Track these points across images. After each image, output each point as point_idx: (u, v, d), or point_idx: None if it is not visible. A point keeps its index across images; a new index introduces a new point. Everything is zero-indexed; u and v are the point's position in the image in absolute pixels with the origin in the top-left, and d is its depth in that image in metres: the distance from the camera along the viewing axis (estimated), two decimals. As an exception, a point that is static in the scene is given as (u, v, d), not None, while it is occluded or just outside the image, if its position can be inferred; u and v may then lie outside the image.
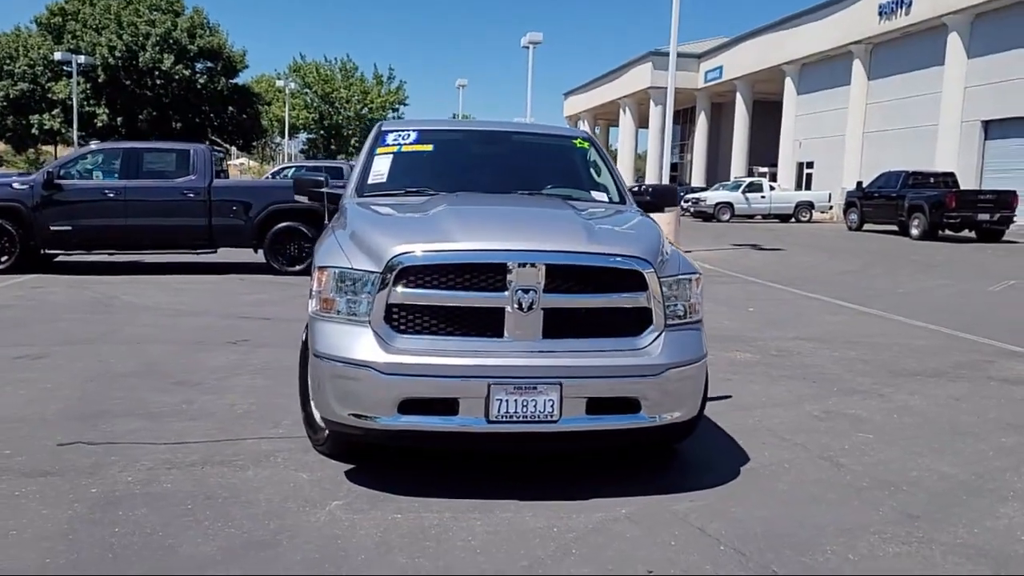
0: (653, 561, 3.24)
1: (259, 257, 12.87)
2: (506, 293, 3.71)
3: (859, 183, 28.15)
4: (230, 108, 54.54)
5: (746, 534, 3.51)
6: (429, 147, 5.30)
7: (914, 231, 23.92)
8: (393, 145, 5.20)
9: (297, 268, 12.47)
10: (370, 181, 5.01)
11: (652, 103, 52.81)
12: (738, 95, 45.97)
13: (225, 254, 13.26)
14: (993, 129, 28.41)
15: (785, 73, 40.58)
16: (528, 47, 37.94)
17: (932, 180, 25.32)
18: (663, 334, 3.91)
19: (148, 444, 4.51)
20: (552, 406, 3.70)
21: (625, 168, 56.15)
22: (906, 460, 4.56)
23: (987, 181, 28.08)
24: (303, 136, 76.45)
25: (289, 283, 11.50)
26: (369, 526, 3.50)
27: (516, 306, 3.70)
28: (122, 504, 3.67)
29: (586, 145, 5.53)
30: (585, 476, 4.19)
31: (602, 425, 3.83)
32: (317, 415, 4.40)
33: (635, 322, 3.89)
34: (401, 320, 3.78)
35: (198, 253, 12.84)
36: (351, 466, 4.20)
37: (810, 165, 39.80)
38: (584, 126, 69.28)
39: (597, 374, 3.75)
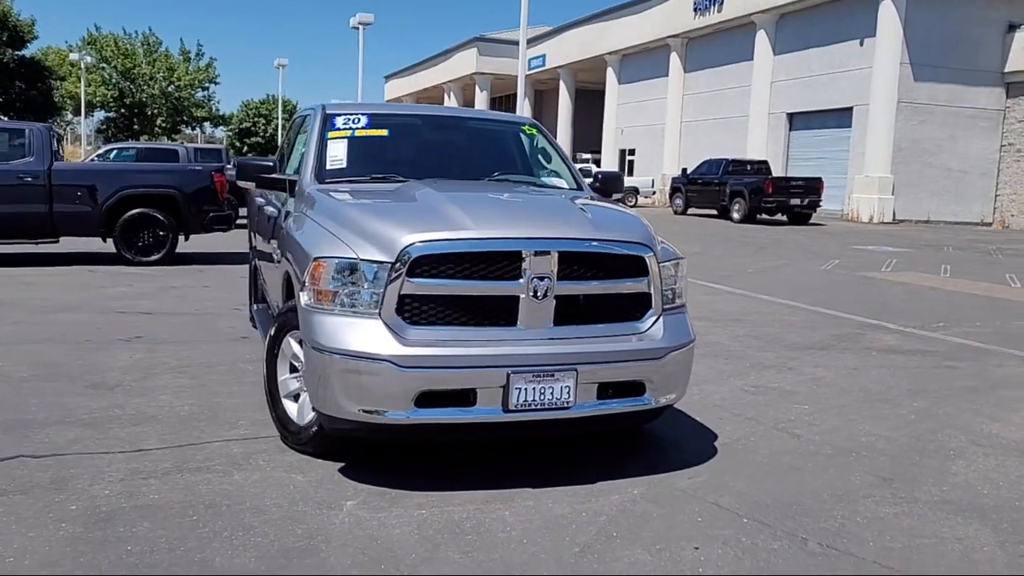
0: (693, 537, 3.36)
1: (107, 247, 11.93)
2: (521, 281, 3.70)
3: (684, 170, 29.80)
4: (17, 83, 49.68)
5: (758, 505, 3.71)
6: (384, 132, 5.15)
7: (735, 215, 25.66)
8: (345, 129, 5.00)
9: (152, 258, 11.68)
10: (328, 167, 4.80)
11: (477, 88, 53.27)
12: (562, 83, 47.22)
13: (67, 243, 12.17)
14: (797, 121, 30.88)
15: (607, 63, 42.11)
16: (357, 28, 37.19)
17: (749, 167, 27.22)
18: (660, 318, 4.04)
19: (102, 454, 4.13)
20: (568, 392, 3.74)
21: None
22: (849, 427, 4.96)
23: (792, 168, 30.52)
24: (100, 115, 70.89)
25: (147, 274, 10.76)
26: (400, 524, 3.41)
27: (531, 294, 3.71)
28: (117, 520, 3.36)
29: (534, 132, 5.57)
30: (576, 460, 4.26)
31: (610, 409, 3.92)
32: (296, 413, 4.23)
33: (637, 307, 4.00)
34: (413, 311, 3.68)
35: (37, 243, 11.71)
36: (340, 464, 4.05)
37: (632, 152, 41.61)
38: (406, 110, 68.81)
39: (609, 359, 3.84)
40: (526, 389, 3.67)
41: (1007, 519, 3.65)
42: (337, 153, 4.86)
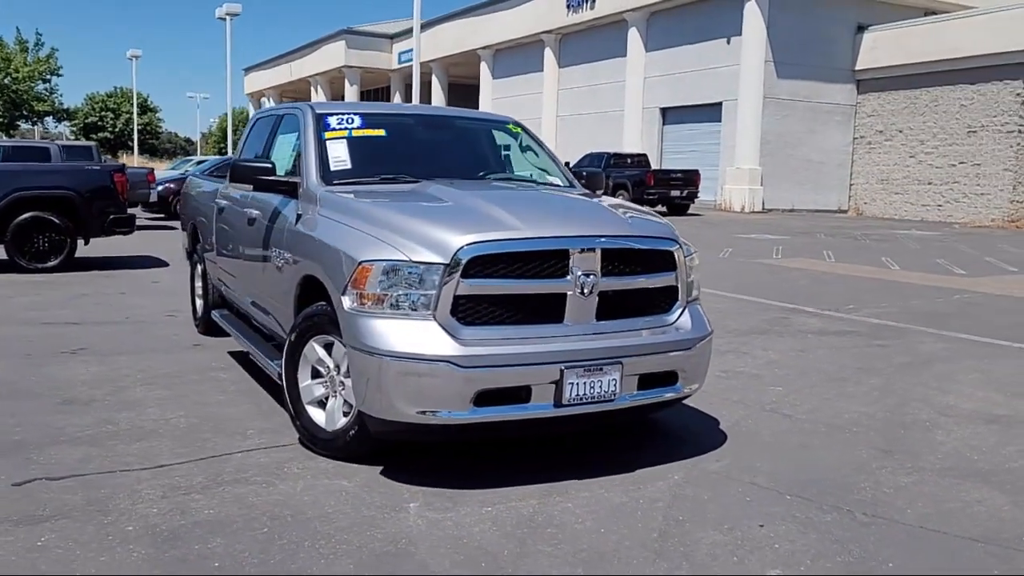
0: (751, 516, 3.57)
1: (-3, 253, 11.12)
2: (569, 278, 3.80)
3: (567, 163, 30.32)
4: None
5: (791, 483, 3.96)
6: (381, 132, 5.09)
7: (618, 207, 26.40)
8: (341, 129, 4.93)
9: (49, 264, 10.97)
10: (333, 168, 4.72)
11: (347, 82, 52.34)
12: (434, 77, 47.06)
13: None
14: (670, 115, 32.05)
15: (481, 58, 42.31)
16: (224, 19, 35.80)
17: (629, 161, 28.07)
18: (686, 309, 4.24)
19: (123, 472, 3.95)
20: (614, 385, 3.88)
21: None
22: (828, 406, 5.32)
23: (666, 161, 31.66)
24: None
25: (49, 282, 10.12)
26: (475, 522, 3.45)
27: (579, 290, 3.82)
28: (185, 538, 3.25)
29: (519, 130, 5.65)
30: (603, 450, 4.40)
31: (648, 399, 4.09)
32: (325, 419, 4.17)
33: (666, 300, 4.18)
34: (467, 311, 3.72)
35: (-87, 250, 10.78)
36: (379, 468, 4.03)
37: (507, 147, 41.95)
38: (269, 103, 66.78)
39: (649, 351, 4.00)
40: (577, 383, 3.78)
41: (1008, 481, 4.05)
42: (339, 154, 4.78)
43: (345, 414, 4.12)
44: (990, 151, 26.12)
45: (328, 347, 4.18)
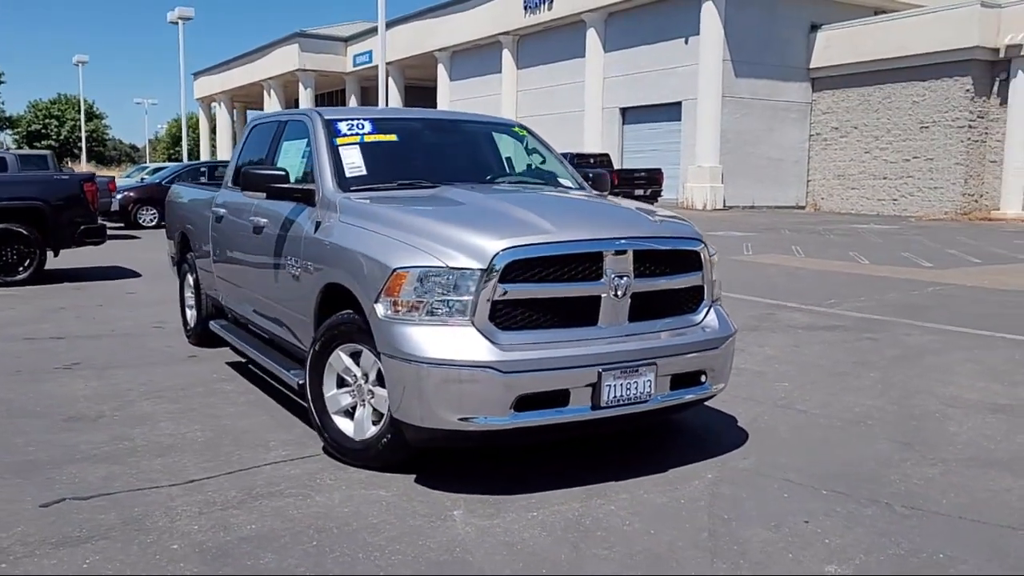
0: (794, 513, 3.61)
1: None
2: (603, 281, 3.81)
3: (527, 164, 30.41)
4: None
5: (823, 477, 4.02)
6: (393, 137, 5.05)
7: (582, 207, 26.53)
8: (352, 135, 4.87)
9: (18, 277, 10.69)
10: (348, 174, 4.67)
11: (301, 86, 51.80)
12: (390, 79, 46.75)
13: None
14: (629, 115, 32.33)
15: (438, 60, 42.22)
16: (177, 23, 35.14)
17: (592, 160, 28.19)
18: (710, 309, 4.28)
19: (152, 489, 3.86)
20: (649, 385, 3.90)
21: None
22: (837, 401, 5.41)
23: (627, 160, 31.93)
24: None
25: (20, 295, 9.87)
26: (524, 528, 3.44)
27: (613, 293, 3.83)
28: (234, 554, 3.19)
29: (525, 133, 5.64)
30: (630, 451, 4.41)
31: (679, 399, 4.12)
32: (354, 429, 4.13)
33: (692, 300, 4.22)
34: (504, 316, 3.71)
35: None
36: (412, 476, 3.99)
37: (466, 148, 41.91)
38: (220, 109, 65.84)
39: (681, 351, 4.03)
40: (614, 385, 3.79)
41: (1029, 468, 4.16)
42: (353, 160, 4.73)
43: (374, 423, 4.08)
44: (942, 146, 26.81)
45: (355, 356, 4.14)
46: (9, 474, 4.04)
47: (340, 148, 4.79)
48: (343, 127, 4.92)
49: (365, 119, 5.02)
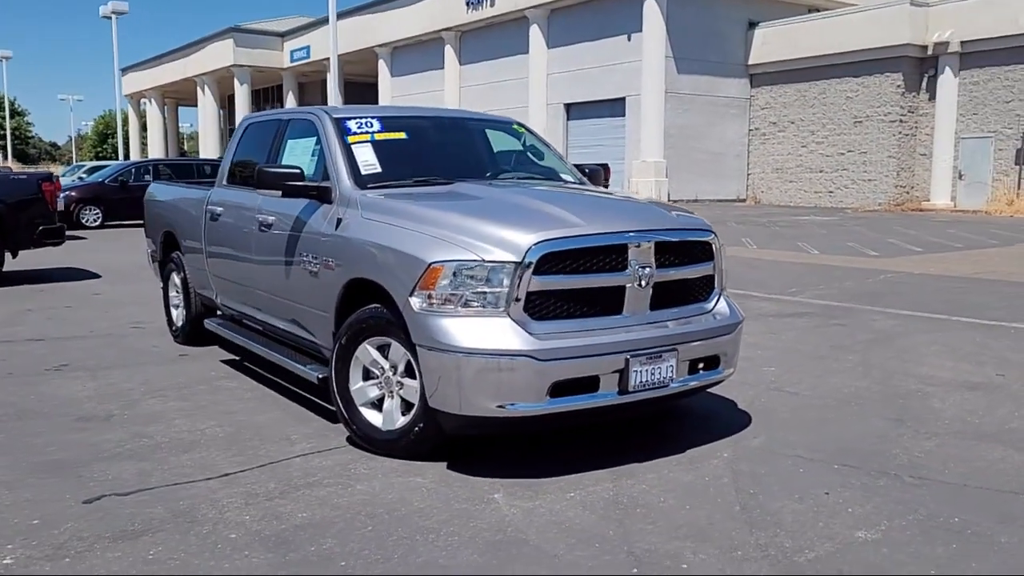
0: (814, 485, 3.85)
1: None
2: (628, 271, 4.00)
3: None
4: None
5: (832, 453, 4.27)
6: (402, 135, 5.15)
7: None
8: (363, 133, 4.96)
9: (-25, 279, 10.42)
10: (364, 172, 4.75)
11: (236, 82, 50.90)
12: (328, 75, 46.31)
13: None
14: (574, 111, 32.68)
15: (378, 56, 41.96)
16: (110, 17, 34.20)
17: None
18: (720, 297, 4.50)
19: (189, 483, 3.91)
20: (671, 370, 4.10)
21: (210, 149, 53.50)
22: (824, 382, 5.70)
23: (572, 156, 32.22)
24: None
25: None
26: (567, 508, 3.60)
27: (637, 283, 4.02)
28: (295, 542, 3.28)
29: (523, 130, 5.79)
30: (646, 434, 4.61)
31: (696, 383, 4.33)
32: (382, 420, 4.24)
33: (705, 288, 4.44)
34: (537, 307, 3.86)
35: None
36: (443, 464, 4.12)
37: (409, 144, 41.77)
38: (151, 105, 64.27)
39: (700, 337, 4.24)
40: (640, 371, 3.98)
41: (1015, 440, 4.48)
42: (367, 158, 4.82)
43: (403, 413, 4.19)
44: (875, 140, 27.78)
45: (381, 348, 4.24)
46: (40, 473, 4.04)
47: (353, 146, 4.87)
48: (353, 125, 5.00)
49: (373, 117, 5.11)
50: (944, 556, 3.14)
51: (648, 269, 4.04)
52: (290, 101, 51.13)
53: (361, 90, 45.71)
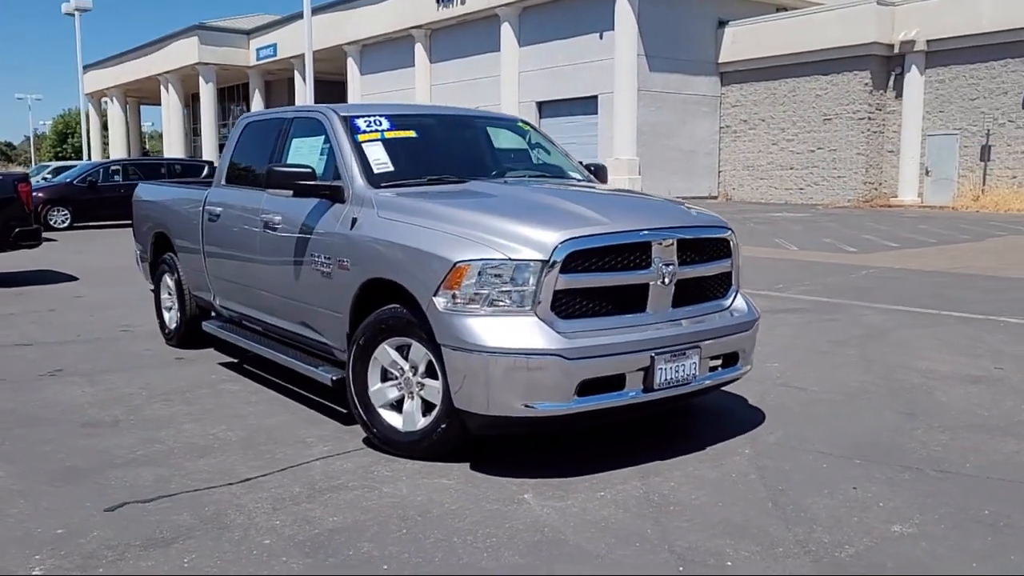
0: (840, 480, 3.87)
1: None
2: (652, 269, 4.00)
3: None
4: None
5: (849, 447, 4.31)
6: (412, 133, 5.09)
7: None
8: (372, 132, 4.90)
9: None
10: (376, 171, 4.70)
11: (201, 79, 50.25)
12: (297, 74, 45.91)
13: None
14: (546, 109, 32.69)
15: (347, 54, 41.65)
16: (73, 14, 33.55)
17: (513, 155, 28.43)
18: (737, 294, 4.52)
19: (210, 489, 3.84)
20: (695, 367, 4.11)
21: (174, 149, 52.78)
22: (830, 377, 5.75)
23: (544, 154, 32.28)
24: None
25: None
26: (600, 506, 3.58)
27: (660, 280, 4.01)
28: (329, 546, 3.23)
29: (528, 128, 5.77)
30: (663, 432, 4.62)
31: (717, 379, 4.35)
32: (403, 421, 4.19)
33: (723, 285, 4.45)
34: (564, 305, 3.84)
35: None
36: (465, 464, 4.09)
37: (379, 143, 41.52)
38: (113, 104, 63.19)
39: (720, 334, 4.25)
40: (665, 369, 3.98)
41: (1025, 431, 4.56)
42: (379, 156, 4.76)
43: (424, 414, 4.15)
44: (844, 137, 28.15)
45: (400, 349, 4.20)
46: (56, 481, 3.95)
47: (363, 145, 4.81)
48: (362, 124, 4.94)
49: (381, 116, 5.06)
50: (982, 549, 3.17)
51: (671, 266, 4.04)
52: (256, 99, 50.63)
53: (329, 88, 45.25)
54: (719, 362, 4.32)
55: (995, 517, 3.45)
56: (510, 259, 3.77)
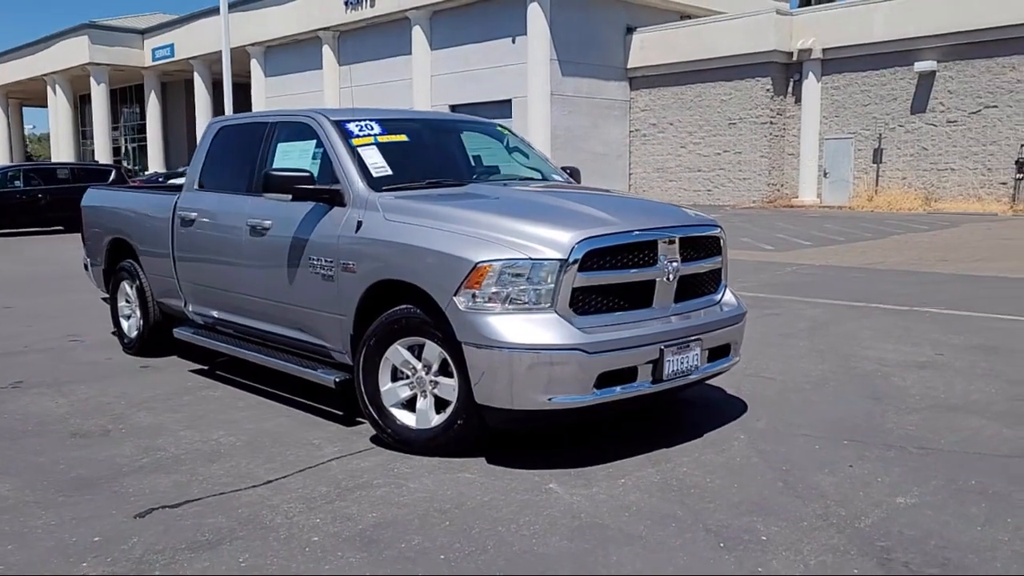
0: (837, 460, 4.16)
1: None
2: (658, 266, 4.21)
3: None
4: None
5: (832, 430, 4.62)
6: (403, 137, 5.16)
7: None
8: (366, 136, 4.95)
9: None
10: (375, 174, 4.75)
11: (93, 80, 48.19)
12: (196, 76, 44.65)
13: None
14: (460, 112, 32.80)
15: (250, 55, 40.72)
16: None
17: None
18: (726, 289, 4.79)
19: (236, 491, 3.85)
20: (696, 359, 4.34)
21: (63, 153, 50.50)
22: (793, 367, 6.10)
23: (457, 157, 32.41)
24: None
25: None
26: (626, 493, 3.76)
27: (665, 277, 4.23)
28: (382, 541, 3.31)
29: (507, 132, 5.91)
30: (654, 423, 4.84)
31: (714, 370, 4.59)
32: (416, 420, 4.29)
33: (714, 281, 4.71)
34: (581, 302, 4.01)
35: None
36: (481, 459, 4.21)
37: (287, 146, 40.77)
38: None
39: (718, 327, 4.50)
40: (672, 360, 4.20)
41: (984, 411, 4.97)
42: (376, 160, 4.82)
43: (437, 412, 4.25)
44: (748, 140, 29.29)
45: (412, 348, 4.28)
46: (68, 491, 3.87)
47: (360, 149, 4.86)
48: (354, 128, 4.99)
49: (371, 120, 5.12)
50: (981, 515, 3.49)
51: (675, 264, 4.26)
52: (152, 102, 48.96)
53: (236, 90, 44.14)
54: (722, 353, 4.57)
55: (983, 487, 3.79)
56: (531, 258, 3.91)
